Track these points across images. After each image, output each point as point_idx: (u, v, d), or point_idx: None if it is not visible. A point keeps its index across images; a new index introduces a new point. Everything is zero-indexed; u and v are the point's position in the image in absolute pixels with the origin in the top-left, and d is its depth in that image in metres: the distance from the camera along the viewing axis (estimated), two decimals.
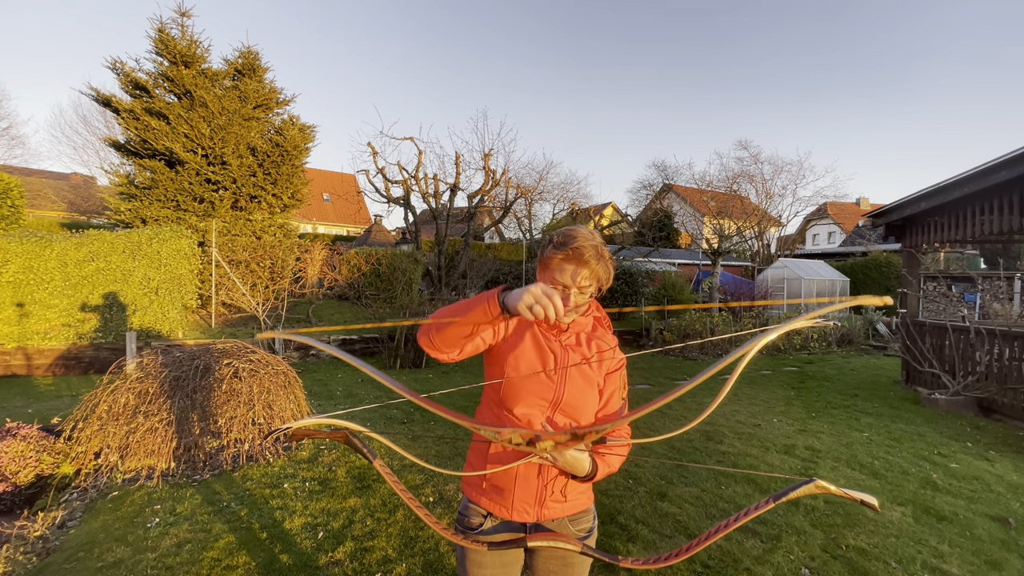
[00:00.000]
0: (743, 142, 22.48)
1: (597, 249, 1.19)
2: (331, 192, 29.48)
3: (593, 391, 1.26)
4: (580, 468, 1.15)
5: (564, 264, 1.19)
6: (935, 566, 2.60)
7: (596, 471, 1.19)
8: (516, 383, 1.22)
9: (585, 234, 1.20)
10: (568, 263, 1.18)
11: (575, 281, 1.19)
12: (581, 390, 1.24)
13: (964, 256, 18.91)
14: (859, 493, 0.95)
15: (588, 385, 1.26)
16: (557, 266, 1.20)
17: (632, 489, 3.43)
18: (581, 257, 1.17)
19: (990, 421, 5.45)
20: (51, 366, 7.13)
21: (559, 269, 1.20)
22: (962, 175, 5.51)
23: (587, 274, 1.19)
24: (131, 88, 9.79)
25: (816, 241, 34.93)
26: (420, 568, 2.49)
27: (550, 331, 1.27)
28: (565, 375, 1.23)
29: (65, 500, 3.14)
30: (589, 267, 1.18)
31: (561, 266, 1.19)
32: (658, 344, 10.59)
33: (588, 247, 1.17)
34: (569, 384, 1.23)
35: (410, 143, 13.51)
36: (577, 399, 1.24)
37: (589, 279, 1.19)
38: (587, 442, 1.11)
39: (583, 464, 1.15)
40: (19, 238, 7.23)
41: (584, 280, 1.19)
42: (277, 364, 4.05)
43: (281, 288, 9.56)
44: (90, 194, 23.56)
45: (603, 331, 1.35)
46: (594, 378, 1.27)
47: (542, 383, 1.22)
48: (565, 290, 1.19)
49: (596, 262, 1.18)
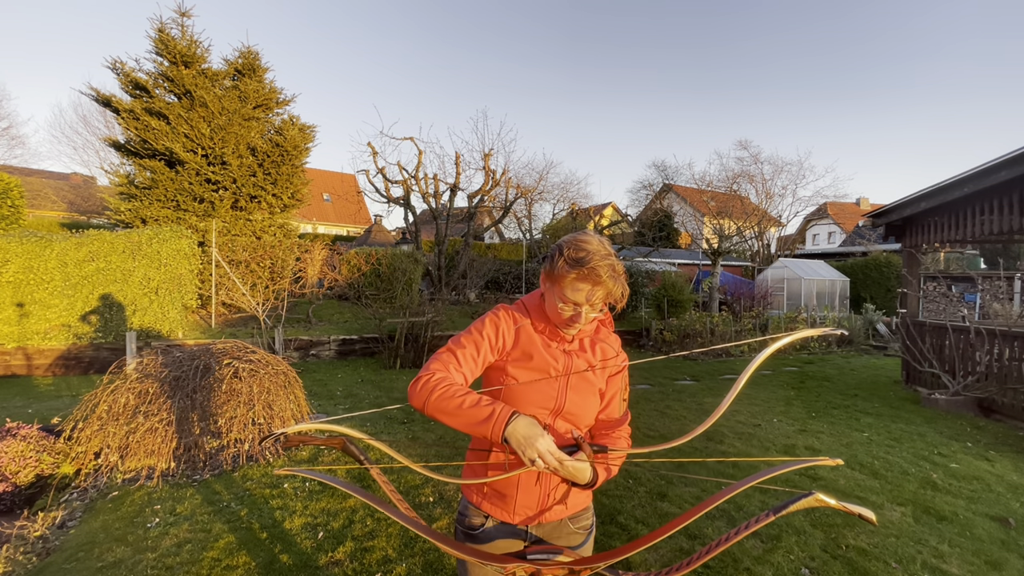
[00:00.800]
0: (743, 142, 22.52)
1: (612, 268, 1.13)
2: (331, 192, 29.49)
3: (595, 396, 1.25)
4: (582, 477, 1.13)
5: (578, 283, 1.13)
6: (935, 566, 2.60)
7: (597, 479, 1.17)
8: (517, 392, 1.20)
9: (598, 248, 1.13)
10: (583, 282, 1.13)
11: (589, 300, 1.14)
12: (583, 396, 1.23)
13: (964, 256, 18.91)
14: (858, 507, 0.94)
15: (590, 390, 1.24)
16: (570, 284, 1.14)
17: (632, 489, 3.43)
18: (598, 278, 1.11)
19: (990, 421, 5.45)
20: (51, 366, 7.13)
21: (572, 288, 1.14)
22: (962, 175, 5.51)
23: (602, 294, 1.14)
24: (131, 88, 9.79)
25: (816, 241, 34.93)
26: (420, 568, 2.49)
27: (553, 338, 1.25)
28: (567, 384, 1.21)
29: (65, 500, 3.14)
30: (605, 287, 1.13)
31: (575, 285, 1.13)
32: (658, 344, 10.59)
33: (604, 267, 1.11)
34: (571, 392, 1.22)
35: (410, 143, 13.53)
36: (578, 406, 1.22)
37: (604, 299, 1.15)
38: (588, 453, 1.10)
39: (585, 474, 1.12)
40: (19, 238, 7.23)
41: (599, 300, 1.15)
42: (277, 364, 4.05)
43: (281, 288, 9.56)
44: (90, 194, 23.56)
45: (606, 332, 1.33)
46: (596, 383, 1.26)
47: (544, 392, 1.20)
48: (576, 308, 1.15)
49: (612, 282, 1.13)
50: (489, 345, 1.20)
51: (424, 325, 8.25)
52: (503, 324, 1.22)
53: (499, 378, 1.22)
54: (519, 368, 1.20)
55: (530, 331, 1.24)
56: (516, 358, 1.21)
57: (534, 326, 1.25)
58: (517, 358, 1.21)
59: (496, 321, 1.23)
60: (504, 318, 1.23)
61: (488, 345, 1.20)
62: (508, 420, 1.00)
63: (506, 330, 1.22)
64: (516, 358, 1.21)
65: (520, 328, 1.23)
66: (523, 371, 1.20)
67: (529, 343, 1.22)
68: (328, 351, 8.62)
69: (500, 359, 1.22)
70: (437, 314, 8.54)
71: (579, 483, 1.14)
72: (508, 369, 1.21)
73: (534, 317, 1.25)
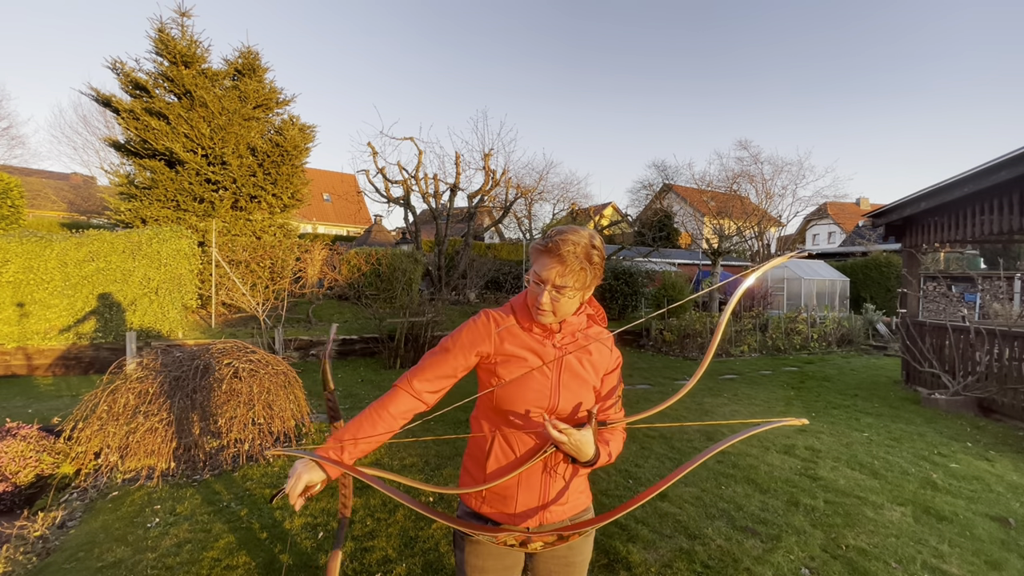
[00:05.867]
0: (743, 142, 22.43)
1: (580, 250, 1.15)
2: (331, 192, 29.47)
3: (589, 392, 1.25)
4: (585, 451, 1.13)
5: (544, 259, 1.17)
6: (935, 566, 2.60)
7: (598, 458, 1.18)
8: (510, 392, 1.20)
9: (575, 237, 1.16)
10: (548, 258, 1.16)
11: (555, 281, 1.16)
12: (576, 395, 1.23)
13: (964, 256, 18.91)
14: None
15: (584, 389, 1.24)
16: (539, 260, 1.18)
17: (632, 489, 3.43)
18: (561, 256, 1.14)
19: (990, 421, 5.45)
20: (51, 366, 7.13)
21: (540, 264, 1.18)
22: (962, 175, 5.51)
23: (569, 276, 1.15)
24: (131, 88, 9.79)
25: (816, 241, 34.93)
26: (420, 568, 2.49)
27: (543, 334, 1.25)
28: (559, 383, 1.21)
29: (65, 500, 3.14)
30: (568, 266, 1.14)
31: (542, 260, 1.17)
32: (658, 344, 10.59)
33: (569, 247, 1.14)
34: (564, 391, 1.22)
35: (410, 143, 13.51)
36: (573, 405, 1.22)
37: (564, 277, 1.15)
38: (593, 427, 1.14)
39: (588, 448, 1.13)
40: (19, 238, 7.23)
41: (568, 283, 1.16)
42: (277, 364, 4.05)
43: (281, 288, 9.56)
44: (90, 194, 23.54)
45: (597, 328, 1.33)
46: (590, 381, 1.25)
47: (536, 390, 1.20)
48: (542, 286, 1.17)
49: (575, 262, 1.14)
50: (463, 356, 1.23)
51: (424, 325, 8.25)
52: (481, 331, 1.24)
53: (489, 380, 1.22)
54: (508, 368, 1.21)
55: (515, 331, 1.24)
56: (503, 360, 1.22)
57: (520, 324, 1.25)
58: (504, 360, 1.22)
59: (473, 329, 1.24)
60: (483, 324, 1.25)
61: (462, 357, 1.23)
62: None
63: (484, 336, 1.23)
64: (503, 360, 1.22)
65: (505, 330, 1.24)
66: (512, 371, 1.21)
67: (515, 342, 1.23)
68: None
69: (486, 362, 1.23)
70: (437, 314, 8.54)
71: (580, 459, 1.16)
72: (497, 371, 1.21)
73: (520, 315, 1.26)
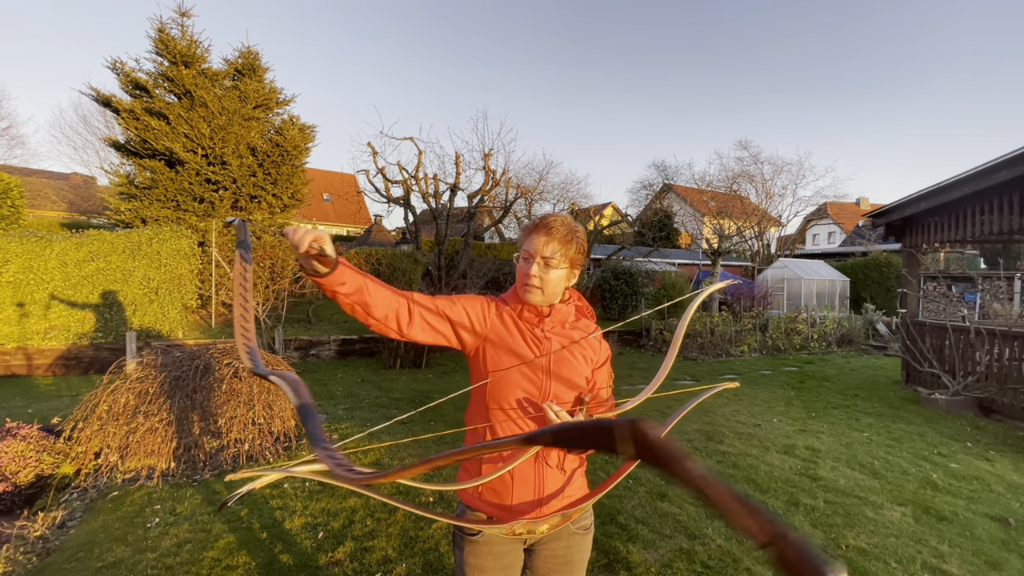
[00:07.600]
0: (743, 142, 22.49)
1: (566, 226, 1.25)
2: (331, 192, 29.45)
3: (581, 383, 1.27)
4: None
5: (533, 235, 1.25)
6: (935, 566, 2.60)
7: None
8: (502, 381, 1.23)
9: (561, 216, 1.27)
10: (536, 234, 1.24)
11: (543, 253, 1.23)
12: (567, 384, 1.25)
13: (964, 256, 18.90)
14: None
15: (575, 377, 1.27)
16: (527, 237, 1.26)
17: (632, 489, 3.43)
18: (549, 230, 1.23)
19: (990, 421, 5.45)
20: (51, 366, 7.13)
21: (528, 240, 1.26)
22: (962, 175, 5.51)
23: (556, 248, 1.23)
24: (131, 88, 9.79)
25: (816, 241, 34.92)
26: (420, 568, 2.49)
27: (533, 320, 1.28)
28: (549, 371, 1.25)
29: (65, 500, 3.14)
30: (557, 240, 1.23)
31: (530, 236, 1.26)
32: (658, 344, 10.58)
33: (557, 223, 1.24)
34: (555, 379, 1.24)
35: (410, 143, 13.48)
36: (564, 393, 1.25)
37: (550, 246, 1.23)
38: (585, 414, 1.19)
39: None
40: (19, 238, 7.23)
41: (554, 255, 1.22)
42: (277, 364, 4.05)
43: (281, 288, 9.55)
44: (90, 194, 23.56)
45: (586, 321, 1.36)
46: (581, 370, 1.28)
47: (528, 379, 1.23)
48: (530, 260, 1.24)
49: (563, 234, 1.23)
50: (463, 311, 1.26)
51: None
52: (482, 305, 1.31)
53: (478, 362, 1.27)
54: (498, 351, 1.25)
55: (508, 319, 1.29)
56: (494, 341, 1.26)
57: (513, 310, 1.30)
58: (495, 342, 1.26)
59: (478, 299, 1.32)
60: (484, 303, 1.32)
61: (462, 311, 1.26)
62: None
63: (483, 311, 1.29)
64: (494, 341, 1.26)
65: (501, 314, 1.30)
66: (501, 355, 1.25)
67: (507, 329, 1.28)
68: (328, 351, 8.63)
69: (477, 340, 1.27)
70: None
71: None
72: (487, 350, 1.26)
73: (510, 300, 1.32)
